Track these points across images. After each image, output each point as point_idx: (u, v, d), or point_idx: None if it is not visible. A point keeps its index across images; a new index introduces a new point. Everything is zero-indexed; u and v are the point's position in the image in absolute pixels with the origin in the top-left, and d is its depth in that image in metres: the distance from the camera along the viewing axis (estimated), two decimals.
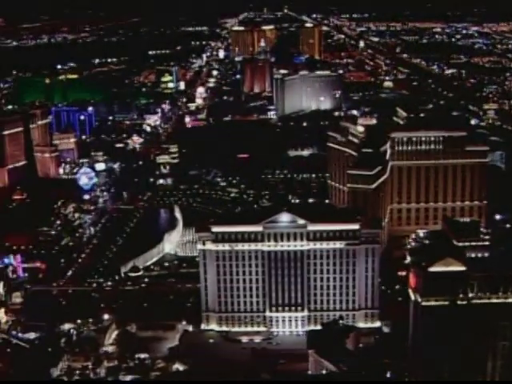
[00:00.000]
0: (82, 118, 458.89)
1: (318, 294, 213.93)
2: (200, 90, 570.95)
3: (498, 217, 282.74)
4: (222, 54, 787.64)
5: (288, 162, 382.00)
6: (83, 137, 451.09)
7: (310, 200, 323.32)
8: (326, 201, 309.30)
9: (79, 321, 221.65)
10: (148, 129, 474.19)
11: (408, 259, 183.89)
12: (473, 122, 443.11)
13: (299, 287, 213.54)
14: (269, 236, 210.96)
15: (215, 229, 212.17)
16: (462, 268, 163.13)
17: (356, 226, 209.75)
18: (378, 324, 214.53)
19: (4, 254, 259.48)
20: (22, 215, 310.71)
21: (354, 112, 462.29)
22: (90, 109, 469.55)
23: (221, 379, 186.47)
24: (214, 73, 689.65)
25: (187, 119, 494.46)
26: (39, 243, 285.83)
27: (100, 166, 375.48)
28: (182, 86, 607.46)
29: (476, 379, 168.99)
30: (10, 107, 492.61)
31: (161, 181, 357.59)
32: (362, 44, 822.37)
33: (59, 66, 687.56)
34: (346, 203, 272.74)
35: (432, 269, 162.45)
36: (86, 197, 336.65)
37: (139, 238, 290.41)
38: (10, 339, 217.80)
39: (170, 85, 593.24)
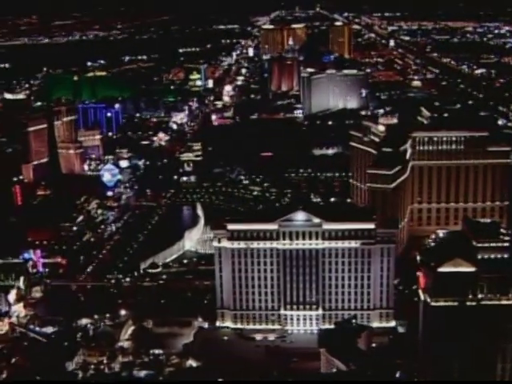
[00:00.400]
0: (109, 115, 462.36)
1: (332, 292, 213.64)
2: (227, 88, 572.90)
3: None
4: (251, 52, 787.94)
5: (312, 161, 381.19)
6: (110, 134, 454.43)
7: (332, 199, 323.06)
8: (348, 200, 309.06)
9: (96, 316, 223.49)
10: (174, 126, 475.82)
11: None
12: (500, 122, 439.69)
13: (314, 286, 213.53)
14: (284, 234, 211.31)
15: (231, 226, 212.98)
16: (472, 269, 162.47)
17: (371, 226, 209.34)
18: (392, 324, 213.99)
19: (25, 248, 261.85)
20: (45, 211, 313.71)
21: (381, 111, 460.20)
22: (117, 106, 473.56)
23: (233, 376, 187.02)
24: (243, 71, 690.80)
25: (213, 117, 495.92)
26: (61, 239, 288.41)
27: (124, 163, 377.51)
28: (210, 83, 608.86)
29: (485, 380, 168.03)
30: (38, 104, 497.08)
31: (184, 178, 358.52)
32: (392, 43, 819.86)
33: (89, 63, 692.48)
34: (367, 202, 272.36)
35: (441, 269, 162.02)
36: (110, 193, 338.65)
37: (160, 235, 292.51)
38: (27, 333, 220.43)
39: (198, 83, 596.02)
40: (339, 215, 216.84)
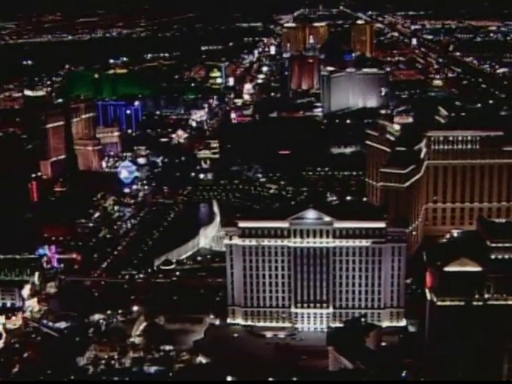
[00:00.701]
0: (128, 112, 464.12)
1: (343, 291, 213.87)
2: (247, 86, 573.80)
3: None
4: (273, 50, 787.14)
5: (330, 160, 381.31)
6: (129, 131, 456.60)
7: (348, 198, 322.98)
8: (364, 199, 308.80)
9: (109, 312, 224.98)
10: (194, 124, 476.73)
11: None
12: None
13: (325, 284, 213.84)
14: (295, 232, 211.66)
15: (242, 224, 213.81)
16: (478, 268, 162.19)
17: (382, 225, 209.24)
18: (403, 323, 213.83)
19: (40, 244, 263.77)
20: (62, 207, 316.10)
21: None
22: (137, 103, 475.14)
23: (242, 373, 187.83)
24: (264, 69, 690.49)
25: (233, 115, 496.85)
26: (76, 235, 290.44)
27: (142, 160, 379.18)
28: (231, 81, 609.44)
29: (492, 380, 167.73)
30: (60, 101, 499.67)
31: (201, 176, 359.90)
32: (414, 42, 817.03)
33: (112, 61, 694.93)
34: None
35: (447, 268, 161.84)
36: (127, 190, 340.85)
37: (176, 232, 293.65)
38: (40, 328, 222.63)
39: (219, 80, 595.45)
40: (350, 214, 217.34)
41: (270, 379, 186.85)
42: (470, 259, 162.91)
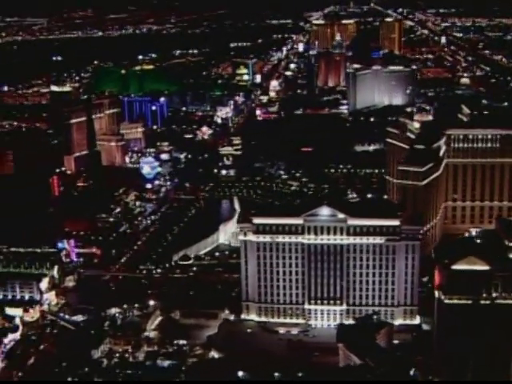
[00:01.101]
0: (154, 108, 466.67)
1: (356, 288, 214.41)
2: (274, 83, 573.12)
3: None
4: (301, 47, 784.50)
5: (353, 157, 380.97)
6: (154, 127, 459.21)
7: (369, 195, 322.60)
8: (385, 196, 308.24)
9: (125, 306, 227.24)
10: (219, 120, 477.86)
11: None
12: None
13: (338, 281, 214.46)
14: (309, 229, 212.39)
15: (256, 220, 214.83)
16: (486, 267, 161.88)
17: (396, 222, 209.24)
18: (417, 321, 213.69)
19: (61, 238, 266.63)
20: (84, 202, 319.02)
21: (427, 108, 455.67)
22: (162, 99, 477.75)
23: (254, 369, 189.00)
24: (291, 66, 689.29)
25: (258, 112, 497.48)
26: (97, 229, 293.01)
27: (165, 156, 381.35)
28: (258, 78, 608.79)
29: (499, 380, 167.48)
30: (85, 96, 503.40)
31: (223, 172, 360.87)
32: (443, 40, 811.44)
33: (140, 57, 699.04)
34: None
35: (455, 267, 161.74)
36: (149, 186, 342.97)
37: (195, 228, 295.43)
38: (57, 321, 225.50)
39: (245, 77, 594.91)
40: (364, 211, 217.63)
41: (277, 374, 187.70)
42: (478, 258, 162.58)
